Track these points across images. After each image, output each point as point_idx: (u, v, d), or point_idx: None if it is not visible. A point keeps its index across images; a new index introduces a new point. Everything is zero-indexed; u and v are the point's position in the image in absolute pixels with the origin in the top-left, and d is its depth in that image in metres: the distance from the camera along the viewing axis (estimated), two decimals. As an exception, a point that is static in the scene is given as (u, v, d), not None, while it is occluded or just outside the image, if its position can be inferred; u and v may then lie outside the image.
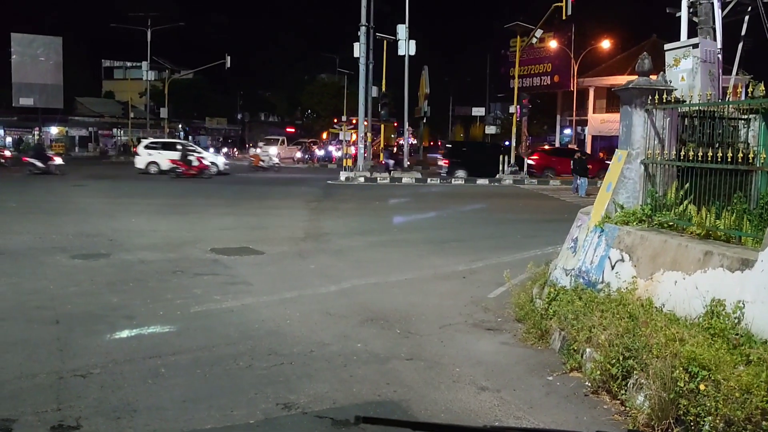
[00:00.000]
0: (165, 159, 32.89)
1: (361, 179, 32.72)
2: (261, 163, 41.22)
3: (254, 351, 6.55)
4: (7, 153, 39.68)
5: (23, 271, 9.88)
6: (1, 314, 7.60)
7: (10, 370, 5.87)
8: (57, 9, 64.40)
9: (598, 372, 5.55)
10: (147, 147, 35.39)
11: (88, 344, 6.65)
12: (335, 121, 68.03)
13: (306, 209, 19.50)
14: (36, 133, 55.12)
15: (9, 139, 60.94)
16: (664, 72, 9.59)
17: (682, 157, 7.26)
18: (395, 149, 47.32)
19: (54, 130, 62.57)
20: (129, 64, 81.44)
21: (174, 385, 5.63)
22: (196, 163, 31.59)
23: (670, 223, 7.15)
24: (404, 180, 33.34)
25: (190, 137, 74.35)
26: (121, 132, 67.29)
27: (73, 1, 68.48)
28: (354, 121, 63.23)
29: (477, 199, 24.93)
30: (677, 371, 4.81)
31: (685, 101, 7.76)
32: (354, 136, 59.01)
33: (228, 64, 53.78)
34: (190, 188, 26.46)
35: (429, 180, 33.73)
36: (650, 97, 7.69)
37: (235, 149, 64.90)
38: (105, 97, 79.40)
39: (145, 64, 58.61)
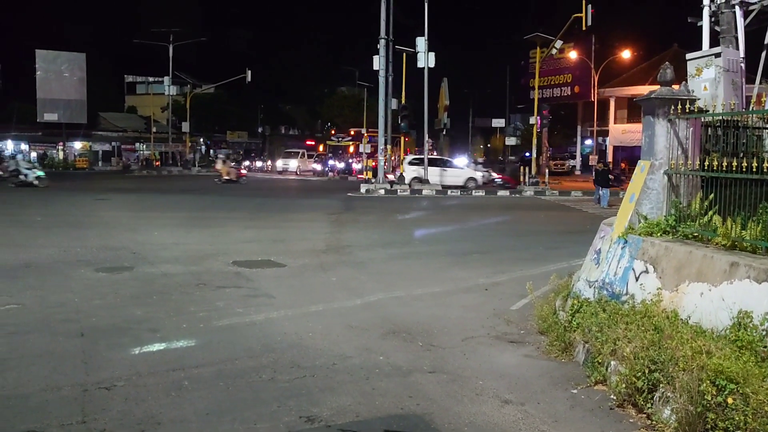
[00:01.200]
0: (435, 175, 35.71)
1: (381, 191, 32.77)
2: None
3: (277, 364, 6.56)
4: (244, 171, 40.75)
5: (49, 284, 9.99)
6: (28, 327, 7.68)
7: (35, 382, 5.94)
8: (81, 25, 65.50)
9: (624, 385, 5.49)
10: (410, 163, 36.98)
11: (112, 357, 6.70)
12: (332, 133, 68.26)
13: (327, 221, 19.55)
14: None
15: (33, 154, 61.86)
16: (687, 81, 9.54)
17: (706, 168, 7.19)
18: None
19: (78, 145, 63.45)
20: (151, 79, 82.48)
21: (197, 398, 5.65)
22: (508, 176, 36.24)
23: (695, 234, 7.08)
24: (425, 192, 33.32)
25: (211, 150, 75.19)
26: (144, 146, 68.05)
27: (96, 18, 69.60)
28: (352, 133, 63.50)
29: (498, 210, 24.86)
30: (704, 384, 4.75)
31: (708, 111, 7.70)
32: (352, 148, 59.28)
33: (248, 78, 54.25)
34: (210, 201, 26.67)
35: (449, 192, 33.68)
36: (673, 107, 7.64)
37: (258, 162, 65.20)
38: (127, 111, 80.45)
39: (167, 79, 59.32)
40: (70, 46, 57.98)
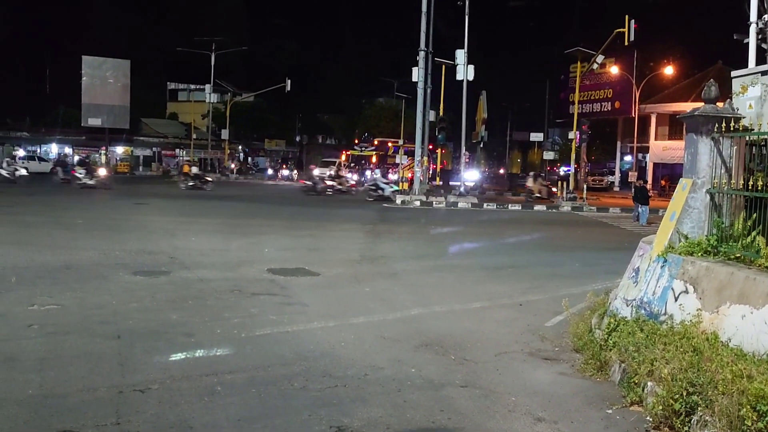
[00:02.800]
0: None
1: (417, 203, 32.72)
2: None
3: (308, 372, 6.57)
4: (555, 188, 38.57)
5: (88, 286, 10.17)
6: (67, 328, 7.83)
7: (72, 382, 6.04)
8: (127, 32, 66.97)
9: (660, 407, 5.37)
10: None
11: (147, 360, 6.79)
12: (356, 142, 68.19)
13: (361, 231, 19.57)
14: None
15: (77, 158, 63.29)
16: (731, 99, 9.35)
17: (750, 187, 7.04)
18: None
19: (120, 150, 64.74)
20: (193, 86, 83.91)
21: (229, 404, 5.69)
22: None
23: (737, 255, 6.92)
24: (460, 205, 33.19)
25: (249, 158, 76.06)
26: (184, 152, 69.13)
27: (142, 26, 71.04)
28: (376, 142, 63.32)
29: (534, 225, 24.63)
30: (744, 409, 4.63)
31: (753, 129, 7.54)
32: (375, 158, 59.12)
33: (288, 88, 54.79)
34: (248, 209, 26.92)
35: (485, 205, 33.51)
36: (717, 125, 7.50)
37: (296, 171, 65.68)
38: (169, 118, 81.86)
39: (208, 87, 60.26)
40: (116, 52, 59.31)
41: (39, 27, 67.53)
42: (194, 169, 40.03)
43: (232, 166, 61.94)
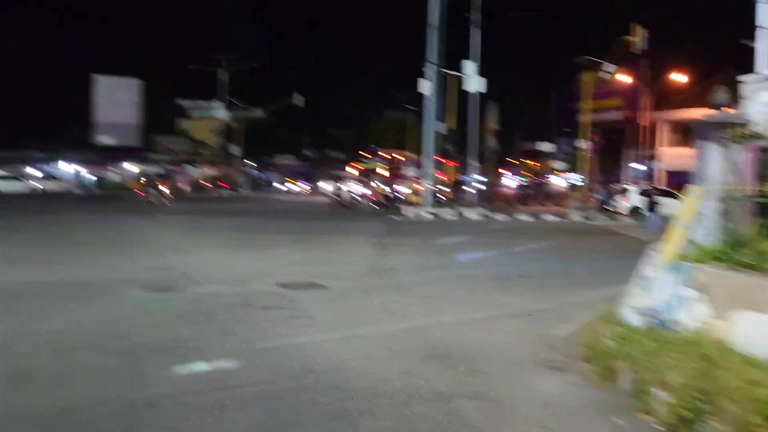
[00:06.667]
0: None
1: (426, 215, 32.72)
2: None
3: (317, 385, 6.56)
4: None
5: (100, 303, 10.21)
6: (79, 343, 7.87)
7: (84, 397, 6.07)
8: (138, 50, 67.55)
9: (672, 416, 5.34)
10: None
11: (158, 374, 6.81)
12: (361, 154, 68.23)
13: (369, 244, 19.54)
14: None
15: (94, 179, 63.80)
16: (741, 105, 9.34)
17: (761, 194, 7.02)
18: None
19: (132, 168, 65.17)
20: (204, 103, 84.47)
21: (239, 418, 5.69)
22: None
23: (749, 262, 6.87)
24: (470, 216, 33.17)
25: (260, 173, 76.44)
26: (195, 169, 69.49)
27: (154, 43, 71.55)
28: (384, 155, 63.29)
29: (544, 235, 24.55)
30: (754, 417, 4.59)
31: (764, 135, 7.52)
32: (380, 169, 59.20)
33: (295, 102, 55.12)
34: (257, 224, 27.01)
35: (496, 216, 33.46)
36: (727, 131, 7.48)
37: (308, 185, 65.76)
38: (180, 135, 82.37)
39: (218, 103, 60.74)
40: (127, 70, 59.90)
41: (49, 46, 68.17)
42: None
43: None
